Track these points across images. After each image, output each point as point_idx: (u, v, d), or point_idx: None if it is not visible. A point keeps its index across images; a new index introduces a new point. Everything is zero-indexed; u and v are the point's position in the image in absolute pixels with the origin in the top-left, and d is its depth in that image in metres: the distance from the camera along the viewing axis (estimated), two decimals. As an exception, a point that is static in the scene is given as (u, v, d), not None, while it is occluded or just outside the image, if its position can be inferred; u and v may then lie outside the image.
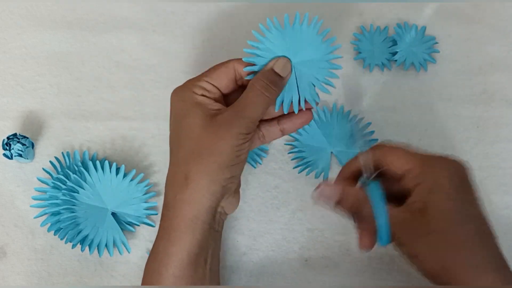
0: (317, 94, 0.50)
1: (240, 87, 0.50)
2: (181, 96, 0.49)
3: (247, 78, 0.49)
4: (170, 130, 0.50)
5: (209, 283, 0.48)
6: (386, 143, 0.50)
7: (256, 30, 0.48)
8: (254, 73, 0.49)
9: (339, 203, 0.48)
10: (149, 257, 0.49)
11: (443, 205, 0.44)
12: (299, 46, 0.48)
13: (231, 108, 0.47)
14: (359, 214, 0.47)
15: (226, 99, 0.51)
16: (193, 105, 0.48)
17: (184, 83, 0.50)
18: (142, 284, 0.49)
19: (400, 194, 0.47)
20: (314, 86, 0.49)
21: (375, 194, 0.46)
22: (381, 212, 0.45)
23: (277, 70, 0.48)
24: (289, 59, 0.48)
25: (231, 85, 0.50)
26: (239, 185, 0.51)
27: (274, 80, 0.47)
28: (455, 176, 0.46)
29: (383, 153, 0.48)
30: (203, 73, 0.50)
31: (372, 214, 0.46)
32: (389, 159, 0.48)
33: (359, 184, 0.49)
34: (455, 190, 0.45)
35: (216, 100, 0.49)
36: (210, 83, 0.49)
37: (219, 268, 0.51)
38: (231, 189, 0.48)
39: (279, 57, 0.48)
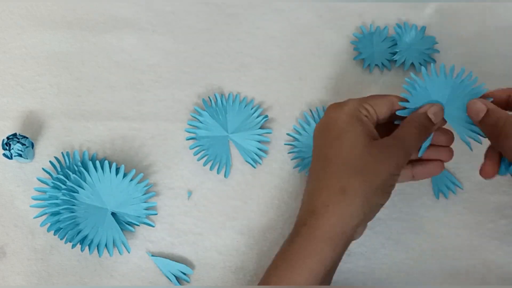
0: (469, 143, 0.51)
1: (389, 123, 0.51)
2: (345, 110, 0.48)
3: (398, 113, 0.50)
4: (324, 138, 0.49)
5: None
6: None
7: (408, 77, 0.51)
8: (405, 109, 0.50)
9: (485, 117, 0.48)
10: (279, 257, 0.47)
11: None
12: (453, 95, 0.50)
13: (391, 137, 0.48)
14: (497, 135, 0.47)
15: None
16: (357, 121, 0.47)
17: (346, 101, 0.49)
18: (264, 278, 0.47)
19: None
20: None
21: None
22: None
23: (430, 115, 0.49)
24: (442, 106, 0.50)
25: (387, 116, 0.50)
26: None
27: (427, 125, 0.48)
28: None
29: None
30: (364, 98, 0.50)
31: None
32: (496, 93, 0.49)
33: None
34: None
35: (374, 124, 0.49)
36: (372, 107, 0.49)
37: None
38: (372, 217, 0.48)
39: (433, 103, 0.50)
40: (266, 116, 0.61)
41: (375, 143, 0.47)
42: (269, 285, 0.46)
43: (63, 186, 0.56)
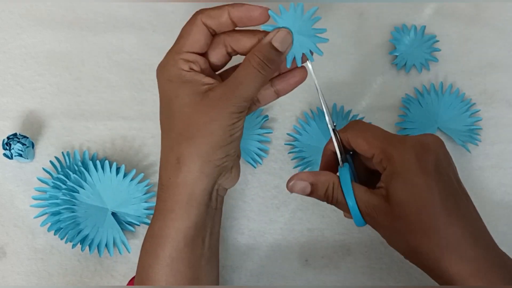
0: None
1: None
2: (167, 75, 0.46)
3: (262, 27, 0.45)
4: (160, 111, 0.48)
5: (208, 262, 0.48)
6: (357, 122, 0.48)
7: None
8: None
9: (312, 193, 0.47)
10: (145, 237, 0.48)
11: (402, 193, 0.43)
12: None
13: (223, 85, 0.44)
14: (331, 201, 0.47)
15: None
16: (181, 84, 0.45)
17: (166, 57, 0.47)
18: (138, 265, 0.48)
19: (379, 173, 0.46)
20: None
21: (344, 178, 0.46)
22: (349, 197, 0.45)
23: (275, 44, 0.44)
24: (290, 30, 0.45)
25: (222, 56, 0.47)
26: (237, 159, 0.49)
27: (271, 58, 0.44)
28: (416, 156, 0.44)
29: (351, 135, 0.47)
30: (177, 42, 0.46)
31: (342, 199, 0.46)
32: (355, 142, 0.47)
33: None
34: (420, 170, 0.43)
35: (204, 72, 0.46)
36: (192, 52, 0.46)
37: (219, 243, 0.51)
38: (227, 167, 0.47)
39: (279, 28, 0.44)
40: (267, 116, 0.61)
41: (204, 99, 0.44)
42: (147, 268, 0.46)
43: (64, 186, 0.56)
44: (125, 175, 0.57)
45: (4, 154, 0.56)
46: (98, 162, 0.57)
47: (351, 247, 0.58)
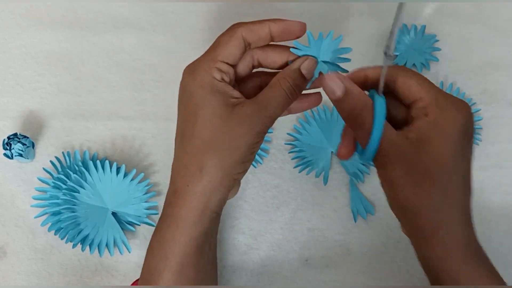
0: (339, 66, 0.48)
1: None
2: (200, 80, 0.45)
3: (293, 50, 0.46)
4: (182, 115, 0.46)
5: (212, 265, 0.49)
6: (405, 68, 0.46)
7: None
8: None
9: (340, 100, 0.44)
10: (152, 241, 0.47)
11: (444, 148, 0.42)
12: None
13: (253, 103, 0.45)
14: (354, 119, 0.44)
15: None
16: (212, 93, 0.44)
17: (200, 62, 0.46)
18: (144, 269, 0.48)
19: (400, 121, 0.45)
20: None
21: (380, 107, 0.43)
22: (379, 126, 0.43)
23: (303, 72, 0.45)
24: (316, 59, 0.46)
25: (247, 68, 0.48)
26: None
27: (299, 84, 0.45)
28: (465, 122, 0.43)
29: (401, 73, 0.45)
30: (214, 52, 0.46)
31: (368, 124, 0.43)
32: (405, 81, 0.44)
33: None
34: (461, 136, 0.43)
35: (231, 83, 0.46)
36: (226, 63, 0.46)
37: (216, 245, 0.51)
38: (239, 182, 0.48)
39: (307, 56, 0.46)
40: (267, 116, 0.61)
41: (234, 113, 0.44)
42: (155, 273, 0.46)
43: (64, 186, 0.56)
44: (125, 175, 0.57)
45: (5, 154, 0.56)
46: (98, 162, 0.57)
47: (351, 247, 0.58)
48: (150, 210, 0.57)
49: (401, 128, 0.44)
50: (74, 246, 0.55)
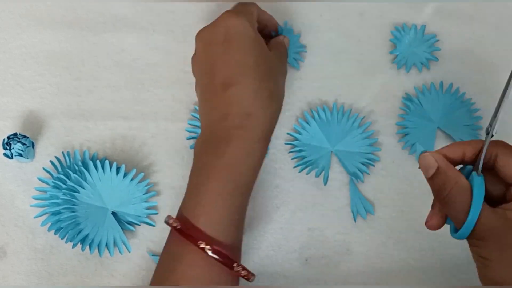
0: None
1: None
2: (252, 27, 0.52)
3: None
4: (247, 48, 0.51)
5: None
6: (506, 144, 0.46)
7: None
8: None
9: (431, 177, 0.45)
10: (218, 161, 0.49)
11: None
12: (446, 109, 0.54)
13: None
14: (443, 198, 0.45)
15: None
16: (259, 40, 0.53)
17: (246, 10, 0.54)
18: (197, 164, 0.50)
19: (497, 197, 0.45)
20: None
21: (478, 188, 0.43)
22: (477, 208, 0.42)
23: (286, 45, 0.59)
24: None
25: None
26: None
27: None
28: None
29: (502, 151, 0.44)
30: (250, 13, 0.54)
31: (460, 206, 0.43)
32: (507, 161, 0.44)
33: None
34: None
35: None
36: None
37: None
38: None
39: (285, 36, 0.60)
40: (267, 116, 0.61)
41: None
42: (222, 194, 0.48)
43: (64, 186, 0.56)
44: (125, 175, 0.57)
45: (4, 154, 0.56)
46: (98, 162, 0.57)
47: (351, 247, 0.58)
48: (150, 210, 0.57)
49: (497, 205, 0.44)
50: (74, 246, 0.55)
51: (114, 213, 0.57)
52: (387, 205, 0.59)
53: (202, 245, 0.45)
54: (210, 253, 0.45)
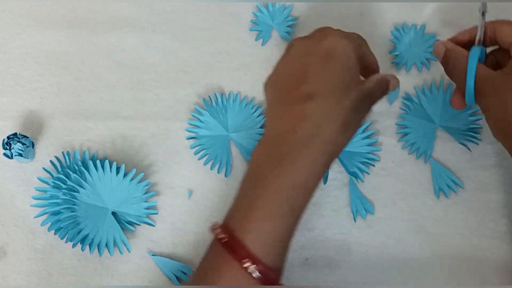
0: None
1: None
2: (355, 55, 0.50)
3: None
4: (345, 69, 0.48)
5: None
6: (504, 19, 0.53)
7: None
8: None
9: (442, 59, 0.54)
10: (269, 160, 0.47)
11: None
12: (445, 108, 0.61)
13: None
14: (451, 70, 0.53)
15: None
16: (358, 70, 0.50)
17: (352, 37, 0.51)
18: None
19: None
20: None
21: (472, 56, 0.51)
22: (471, 71, 0.50)
23: (390, 87, 0.53)
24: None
25: None
26: None
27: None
28: None
29: (497, 24, 0.53)
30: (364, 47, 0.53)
31: (462, 69, 0.51)
32: (501, 29, 0.52)
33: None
34: None
35: None
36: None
37: None
38: None
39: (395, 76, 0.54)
40: (267, 116, 0.61)
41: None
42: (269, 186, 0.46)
43: (64, 186, 0.56)
44: (125, 175, 0.57)
45: (4, 154, 0.56)
46: (98, 162, 0.57)
47: (351, 247, 0.58)
48: (150, 209, 0.57)
49: None
50: (74, 246, 0.55)
51: (114, 213, 0.57)
52: (387, 205, 0.59)
53: (246, 265, 0.43)
54: (254, 274, 0.43)
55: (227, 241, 0.45)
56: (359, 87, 0.48)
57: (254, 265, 0.43)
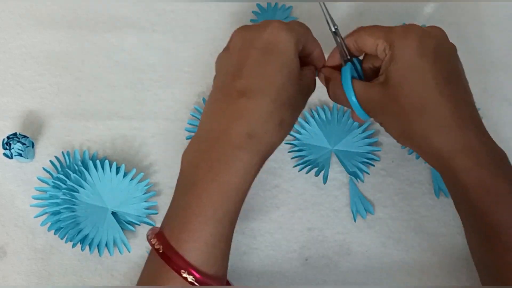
0: None
1: None
2: (294, 42, 0.47)
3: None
4: (282, 67, 0.46)
5: None
6: (362, 26, 0.50)
7: None
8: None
9: (327, 89, 0.52)
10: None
11: (397, 74, 0.46)
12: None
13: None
14: (337, 98, 0.51)
15: None
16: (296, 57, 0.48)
17: (292, 26, 0.48)
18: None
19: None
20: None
21: (344, 76, 0.49)
22: (349, 92, 0.48)
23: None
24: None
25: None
26: None
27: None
28: (417, 45, 0.46)
29: (358, 35, 0.49)
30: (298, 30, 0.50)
31: (345, 96, 0.49)
32: (363, 38, 0.49)
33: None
34: (417, 59, 0.45)
35: None
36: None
37: None
38: None
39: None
40: (267, 116, 0.61)
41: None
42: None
43: (64, 186, 0.56)
44: (125, 175, 0.57)
45: (4, 154, 0.56)
46: (98, 162, 0.57)
47: (351, 247, 0.58)
48: (150, 209, 0.57)
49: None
50: (74, 245, 0.55)
51: (114, 213, 0.57)
52: (387, 205, 0.59)
53: (184, 274, 0.43)
54: (195, 283, 0.43)
55: (163, 252, 0.44)
56: (296, 83, 0.47)
57: (192, 276, 0.43)
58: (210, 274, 0.44)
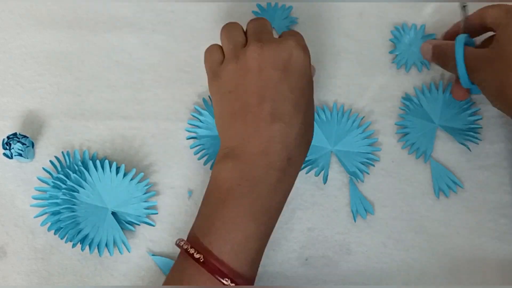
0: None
1: None
2: (308, 59, 0.52)
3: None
4: (305, 87, 0.50)
5: None
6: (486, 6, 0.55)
7: None
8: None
9: (433, 56, 0.59)
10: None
11: (509, 36, 0.50)
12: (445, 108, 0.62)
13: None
14: (442, 62, 0.58)
15: None
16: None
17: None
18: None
19: None
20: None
21: (458, 40, 0.54)
22: (459, 58, 0.54)
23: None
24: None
25: None
26: None
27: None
28: None
29: (484, 9, 0.55)
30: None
31: (451, 56, 0.54)
32: (482, 14, 0.55)
33: None
34: None
35: None
36: None
37: None
38: None
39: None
40: (267, 116, 0.61)
41: None
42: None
43: (64, 186, 0.56)
44: (125, 175, 0.57)
45: (4, 154, 0.56)
46: (98, 162, 0.57)
47: (351, 247, 0.58)
48: (150, 209, 0.57)
49: None
50: (73, 245, 0.55)
51: (114, 213, 0.57)
52: (387, 205, 0.59)
53: (227, 282, 0.44)
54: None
55: (204, 261, 0.45)
56: (313, 102, 0.51)
57: (234, 283, 0.45)
58: (246, 277, 0.47)
